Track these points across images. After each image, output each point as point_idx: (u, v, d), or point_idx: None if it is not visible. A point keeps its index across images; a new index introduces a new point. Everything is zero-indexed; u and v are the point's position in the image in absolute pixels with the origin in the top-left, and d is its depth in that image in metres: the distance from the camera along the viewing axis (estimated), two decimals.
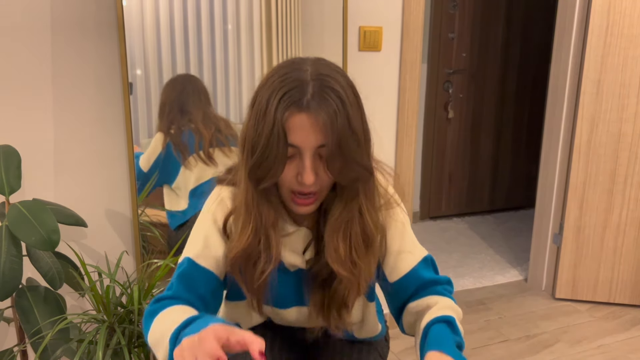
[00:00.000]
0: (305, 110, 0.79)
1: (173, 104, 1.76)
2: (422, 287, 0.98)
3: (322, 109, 0.80)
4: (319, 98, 0.80)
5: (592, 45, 2.29)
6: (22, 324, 1.40)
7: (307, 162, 0.82)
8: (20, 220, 1.31)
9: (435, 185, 3.65)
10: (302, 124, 0.80)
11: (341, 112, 0.81)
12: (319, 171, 0.84)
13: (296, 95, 0.80)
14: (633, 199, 2.39)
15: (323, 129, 0.80)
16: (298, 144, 0.81)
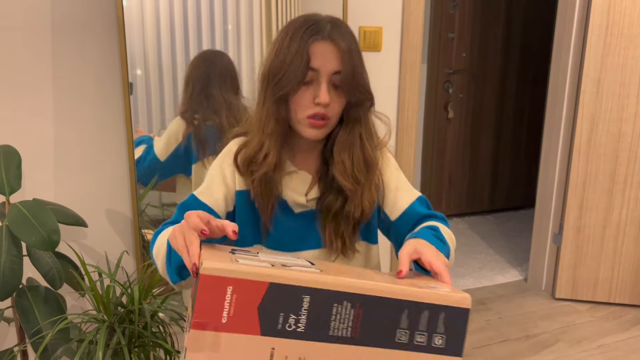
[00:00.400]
0: (328, 39, 0.96)
1: (197, 83, 1.68)
2: (419, 221, 1.08)
3: (342, 40, 0.96)
4: (338, 32, 0.97)
5: (592, 45, 2.29)
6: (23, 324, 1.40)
7: (323, 85, 0.96)
8: (21, 220, 1.31)
9: (435, 185, 3.65)
10: (324, 50, 0.96)
11: (354, 45, 0.98)
12: (331, 98, 0.98)
13: (317, 28, 0.96)
14: (633, 198, 2.39)
15: (341, 56, 0.96)
16: (318, 67, 0.95)
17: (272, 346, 0.68)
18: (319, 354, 0.70)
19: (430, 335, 0.72)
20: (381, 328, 0.71)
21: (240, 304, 0.67)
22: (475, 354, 2.12)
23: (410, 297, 0.71)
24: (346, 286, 0.70)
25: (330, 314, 0.69)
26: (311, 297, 0.68)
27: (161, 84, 1.71)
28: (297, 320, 0.69)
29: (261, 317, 0.67)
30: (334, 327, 0.70)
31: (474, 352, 2.13)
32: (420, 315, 0.72)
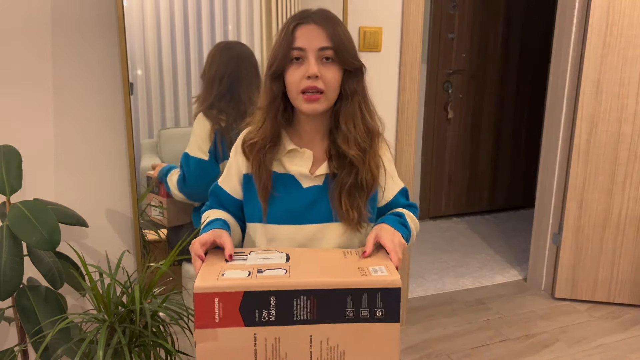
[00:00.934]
0: (312, 22, 1.09)
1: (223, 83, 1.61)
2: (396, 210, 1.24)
3: (325, 21, 1.09)
4: (322, 17, 1.10)
5: (591, 45, 2.29)
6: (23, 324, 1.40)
7: (311, 59, 1.08)
8: (21, 220, 1.31)
9: (435, 185, 3.65)
10: (307, 30, 1.09)
11: (339, 26, 1.11)
12: (322, 71, 1.08)
13: (303, 16, 1.11)
14: (632, 198, 2.40)
15: (325, 34, 1.08)
16: (304, 46, 1.08)
17: (254, 332, 0.96)
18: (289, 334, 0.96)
19: (372, 310, 0.96)
20: (333, 309, 0.95)
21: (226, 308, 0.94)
22: (475, 353, 2.13)
23: (352, 285, 0.95)
24: (301, 285, 0.95)
25: (292, 306, 0.95)
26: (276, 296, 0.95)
27: (161, 84, 1.71)
28: (269, 313, 0.95)
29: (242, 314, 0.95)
30: (297, 314, 0.95)
31: (474, 351, 2.14)
32: (361, 297, 0.95)
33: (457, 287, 2.71)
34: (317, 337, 0.96)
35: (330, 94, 1.12)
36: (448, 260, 3.03)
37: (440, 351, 2.14)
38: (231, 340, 0.96)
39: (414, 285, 2.71)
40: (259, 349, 0.97)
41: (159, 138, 1.75)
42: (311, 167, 1.18)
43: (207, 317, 0.94)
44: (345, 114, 1.14)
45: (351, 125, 1.14)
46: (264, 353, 0.97)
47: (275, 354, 0.97)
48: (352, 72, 1.13)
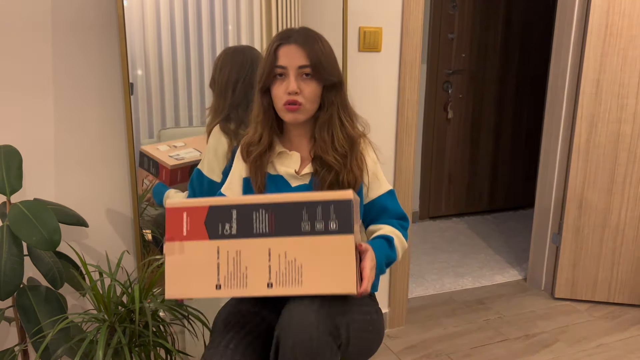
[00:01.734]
0: (293, 42, 1.21)
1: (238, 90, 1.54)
2: (383, 212, 1.33)
3: (304, 41, 1.21)
4: (302, 37, 1.22)
5: (591, 45, 2.29)
6: (23, 324, 1.40)
7: (291, 77, 1.21)
8: (22, 220, 1.31)
9: (435, 185, 3.65)
10: (287, 50, 1.21)
11: (317, 45, 1.22)
12: (300, 86, 1.21)
13: (285, 36, 1.23)
14: (632, 198, 2.40)
15: (304, 54, 1.20)
16: (285, 64, 1.21)
17: (217, 245, 1.04)
18: (249, 247, 1.04)
19: (327, 222, 1.03)
20: (290, 223, 1.03)
21: (193, 222, 1.04)
22: (475, 353, 2.13)
23: (306, 199, 1.03)
24: (259, 200, 1.04)
25: (252, 219, 1.03)
26: (237, 210, 1.04)
27: (162, 84, 1.71)
28: (231, 227, 1.04)
29: (207, 227, 1.04)
30: (256, 227, 1.03)
31: (473, 351, 2.14)
32: (315, 210, 1.03)
33: (457, 287, 2.71)
34: (276, 250, 1.03)
35: (309, 106, 1.24)
36: (448, 260, 3.03)
37: (440, 351, 2.14)
38: (196, 253, 1.04)
39: (414, 285, 2.71)
40: (221, 262, 1.03)
41: (159, 138, 1.75)
42: (299, 168, 1.30)
43: (176, 230, 1.04)
44: (321, 123, 1.26)
45: (325, 134, 1.26)
46: (226, 266, 1.03)
47: (236, 267, 1.03)
48: (330, 86, 1.24)
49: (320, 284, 1.02)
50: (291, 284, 1.02)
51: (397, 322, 2.30)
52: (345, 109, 1.29)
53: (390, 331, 2.28)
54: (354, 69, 1.97)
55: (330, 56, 1.25)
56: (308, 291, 1.02)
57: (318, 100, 1.25)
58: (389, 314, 2.27)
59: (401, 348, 2.15)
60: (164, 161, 1.68)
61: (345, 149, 1.26)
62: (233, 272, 1.03)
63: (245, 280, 1.02)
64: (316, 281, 1.02)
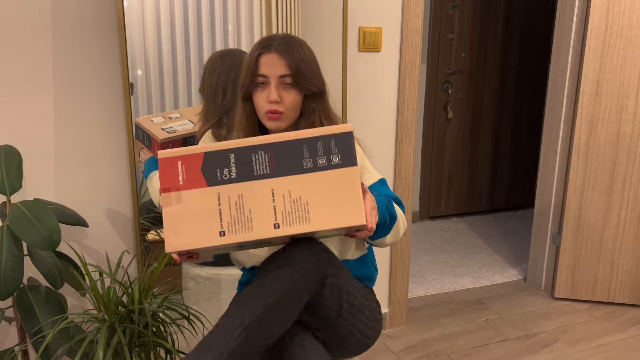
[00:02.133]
0: (274, 51, 1.20)
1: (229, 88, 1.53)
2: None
3: (285, 50, 1.20)
4: (284, 45, 1.21)
5: (591, 46, 2.29)
6: (23, 324, 1.40)
7: (271, 87, 1.20)
8: (22, 220, 1.31)
9: (435, 185, 3.65)
10: (268, 59, 1.20)
11: (298, 53, 1.21)
12: (281, 95, 1.21)
13: (266, 44, 1.22)
14: (632, 198, 2.40)
15: (285, 63, 1.20)
16: (266, 73, 1.20)
17: (217, 192, 1.00)
18: (251, 189, 1.00)
19: (329, 157, 1.02)
20: (291, 161, 1.01)
21: (189, 170, 1.00)
22: (475, 353, 2.13)
23: (305, 135, 1.01)
24: (257, 141, 1.01)
25: (251, 161, 1.00)
26: (235, 153, 1.00)
27: (162, 84, 1.71)
28: (230, 171, 1.00)
29: (205, 174, 1.00)
30: (256, 169, 1.00)
31: (474, 351, 2.14)
32: (316, 145, 1.01)
33: (457, 287, 2.71)
34: (279, 190, 1.00)
35: (290, 114, 1.24)
36: (448, 260, 3.03)
37: (440, 351, 2.14)
38: (196, 202, 1.00)
39: (414, 285, 2.71)
40: (223, 207, 0.99)
41: None
42: None
43: (172, 180, 1.00)
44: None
45: None
46: (229, 211, 0.99)
47: (240, 211, 0.99)
48: (312, 94, 1.24)
49: (328, 219, 1.00)
50: (299, 222, 1.00)
51: (397, 322, 2.30)
52: (327, 116, 1.28)
53: (390, 331, 2.28)
54: (354, 69, 1.97)
55: (312, 64, 1.25)
56: (317, 227, 1.00)
57: (299, 108, 1.25)
58: (389, 314, 2.27)
59: (401, 348, 2.15)
60: (155, 134, 1.66)
61: None
62: (237, 217, 0.99)
63: (250, 224, 0.99)
64: (324, 216, 1.00)
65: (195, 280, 1.66)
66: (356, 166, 1.01)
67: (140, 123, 1.68)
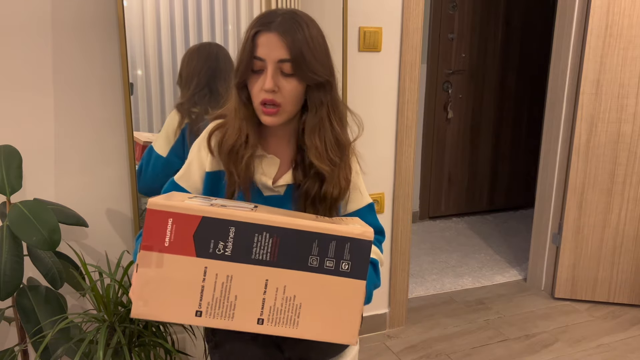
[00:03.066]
0: (274, 30, 1.02)
1: (202, 77, 1.57)
2: None
3: (286, 30, 1.02)
4: (286, 24, 1.02)
5: (591, 46, 2.29)
6: (23, 324, 1.40)
7: (268, 72, 1.03)
8: (21, 220, 1.31)
9: (435, 185, 3.65)
10: (266, 39, 1.02)
11: (302, 34, 1.02)
12: (279, 83, 1.04)
13: (265, 21, 1.03)
14: (632, 198, 2.40)
15: (285, 45, 1.02)
16: (263, 56, 1.03)
17: (205, 265, 0.86)
18: (244, 273, 0.87)
19: (338, 262, 0.89)
20: (296, 254, 0.88)
21: (179, 232, 0.86)
22: (475, 353, 2.13)
23: (320, 230, 0.88)
24: (265, 220, 0.87)
25: (252, 242, 0.87)
26: (236, 228, 0.86)
27: (162, 84, 1.71)
28: (225, 246, 0.86)
29: (196, 242, 0.86)
30: (256, 252, 0.87)
31: (474, 351, 2.14)
32: (328, 244, 0.88)
33: (457, 287, 2.71)
34: (274, 282, 0.88)
35: (289, 107, 1.07)
36: (448, 260, 3.03)
37: (440, 351, 2.14)
38: (178, 270, 0.86)
39: (414, 285, 2.71)
40: (207, 285, 0.87)
41: None
42: (275, 174, 1.15)
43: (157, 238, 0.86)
44: (311, 127, 1.10)
45: (317, 140, 1.10)
46: (212, 291, 0.87)
47: (224, 295, 0.87)
48: (316, 85, 1.07)
49: (317, 330, 0.89)
50: (285, 323, 0.89)
51: (397, 322, 2.30)
52: (335, 110, 1.12)
53: (390, 331, 2.28)
54: (354, 69, 1.97)
55: (318, 48, 1.05)
56: (302, 334, 0.89)
57: (300, 100, 1.08)
58: (389, 314, 2.27)
59: (401, 348, 2.15)
60: (138, 138, 1.69)
61: (337, 156, 1.12)
62: (219, 300, 0.87)
63: (232, 311, 0.87)
64: (314, 325, 0.89)
65: None
66: (364, 281, 0.89)
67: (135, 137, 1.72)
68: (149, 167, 1.63)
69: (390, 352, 2.13)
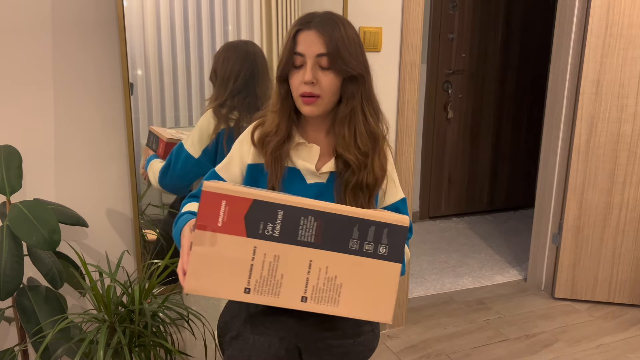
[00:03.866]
0: (312, 28, 1.13)
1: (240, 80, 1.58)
2: None
3: (324, 28, 1.12)
4: (324, 23, 1.13)
5: (591, 46, 2.29)
6: (23, 324, 1.40)
7: (307, 66, 1.13)
8: (21, 220, 1.31)
9: (435, 185, 3.65)
10: (306, 36, 1.13)
11: (338, 32, 1.12)
12: (317, 76, 1.13)
13: (306, 20, 1.14)
14: (632, 198, 2.40)
15: (322, 41, 1.12)
16: (303, 51, 1.13)
17: (254, 245, 0.94)
18: (290, 254, 0.94)
19: (377, 245, 0.96)
20: (338, 237, 0.95)
21: (232, 213, 0.93)
22: (475, 353, 2.13)
23: (360, 215, 0.95)
24: (311, 205, 0.94)
25: (298, 224, 0.94)
26: (284, 211, 0.94)
27: (162, 84, 1.71)
28: (274, 228, 0.94)
29: (247, 223, 0.93)
30: (301, 234, 0.94)
31: (474, 351, 2.14)
32: (368, 229, 0.96)
33: (457, 287, 2.71)
34: (317, 263, 0.95)
35: (327, 98, 1.15)
36: (448, 260, 3.03)
37: (440, 351, 2.14)
38: (229, 249, 0.93)
39: (414, 285, 2.71)
40: (255, 263, 0.94)
41: None
42: (317, 163, 1.21)
43: (211, 219, 0.93)
44: (342, 117, 1.17)
45: (345, 129, 1.17)
46: (260, 270, 0.94)
47: (271, 273, 0.94)
48: (350, 77, 1.15)
49: (357, 308, 0.96)
50: (327, 301, 0.95)
51: (397, 322, 2.30)
52: (369, 102, 1.20)
53: (390, 331, 2.28)
54: None
55: (353, 45, 1.15)
56: (342, 312, 0.96)
57: (337, 93, 1.16)
58: None
59: (401, 348, 2.15)
60: (162, 134, 1.69)
61: (367, 146, 1.18)
62: (267, 278, 0.94)
63: (278, 289, 0.94)
64: (353, 304, 0.96)
65: None
66: (400, 264, 0.96)
67: (154, 129, 1.71)
68: (178, 165, 1.61)
69: (390, 352, 2.13)
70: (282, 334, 1.06)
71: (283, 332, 1.06)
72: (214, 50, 1.74)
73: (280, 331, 1.05)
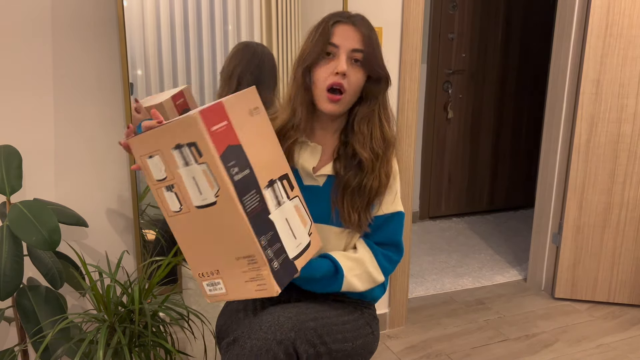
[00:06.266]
0: (350, 22, 1.14)
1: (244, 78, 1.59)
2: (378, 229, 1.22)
3: (362, 25, 1.14)
4: (360, 20, 1.15)
5: (591, 46, 2.29)
6: (23, 324, 1.40)
7: (342, 56, 1.12)
8: (21, 220, 1.31)
9: (435, 185, 3.65)
10: (345, 30, 1.13)
11: (374, 33, 1.16)
12: (349, 71, 1.12)
13: (342, 15, 1.15)
14: (632, 198, 2.40)
15: (361, 37, 1.13)
16: (339, 43, 1.12)
17: None
18: None
19: None
20: None
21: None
22: (475, 353, 2.13)
23: None
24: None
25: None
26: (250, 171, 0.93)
27: (161, 84, 1.71)
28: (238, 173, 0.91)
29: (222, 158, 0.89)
30: None
31: (474, 351, 2.14)
32: None
33: (457, 287, 2.71)
34: None
35: (349, 97, 1.15)
36: (448, 260, 3.03)
37: (440, 351, 2.14)
38: None
39: (414, 285, 2.71)
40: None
41: None
42: (317, 164, 1.20)
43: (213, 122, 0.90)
44: (362, 117, 1.17)
45: (365, 128, 1.17)
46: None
47: None
48: (375, 79, 1.16)
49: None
50: None
51: (397, 322, 2.30)
52: (385, 109, 1.20)
53: (390, 331, 2.28)
54: None
55: (380, 50, 1.18)
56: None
57: (359, 92, 1.16)
58: (389, 314, 2.27)
59: (401, 348, 2.15)
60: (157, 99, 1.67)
61: (381, 149, 1.17)
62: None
63: None
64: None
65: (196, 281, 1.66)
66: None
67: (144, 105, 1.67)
68: None
69: (390, 352, 2.13)
70: (280, 338, 1.05)
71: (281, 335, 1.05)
72: (214, 50, 1.74)
73: (278, 335, 1.05)
